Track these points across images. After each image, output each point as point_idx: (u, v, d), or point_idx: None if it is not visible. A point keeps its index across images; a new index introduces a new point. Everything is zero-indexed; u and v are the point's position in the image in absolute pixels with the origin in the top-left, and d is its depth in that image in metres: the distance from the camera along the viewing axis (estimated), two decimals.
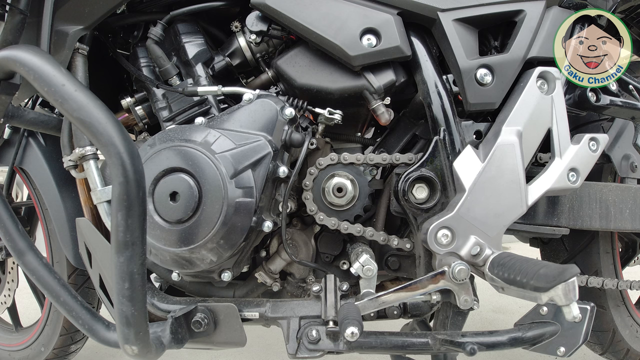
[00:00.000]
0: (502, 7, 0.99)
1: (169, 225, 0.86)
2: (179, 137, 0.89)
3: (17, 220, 0.86)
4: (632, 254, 1.54)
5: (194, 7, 1.06)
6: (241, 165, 0.87)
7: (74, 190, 1.15)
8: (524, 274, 0.79)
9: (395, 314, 1.02)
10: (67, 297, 0.84)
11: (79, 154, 0.99)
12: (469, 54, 0.97)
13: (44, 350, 1.47)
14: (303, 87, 1.02)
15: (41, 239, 1.43)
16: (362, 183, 1.05)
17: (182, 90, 1.02)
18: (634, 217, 1.17)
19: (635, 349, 1.42)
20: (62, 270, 1.39)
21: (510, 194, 0.92)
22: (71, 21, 0.95)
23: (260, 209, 0.90)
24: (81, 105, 0.64)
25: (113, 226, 0.65)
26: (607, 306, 1.38)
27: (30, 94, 1.07)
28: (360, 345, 0.90)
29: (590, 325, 0.92)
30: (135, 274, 0.67)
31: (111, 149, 0.63)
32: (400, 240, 1.04)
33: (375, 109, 1.00)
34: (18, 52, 0.68)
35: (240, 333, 0.93)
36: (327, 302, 0.93)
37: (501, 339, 0.91)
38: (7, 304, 1.62)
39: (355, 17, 0.96)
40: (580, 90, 1.03)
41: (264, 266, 1.10)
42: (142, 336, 0.72)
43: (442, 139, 0.96)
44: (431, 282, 0.89)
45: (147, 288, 0.98)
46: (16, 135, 1.28)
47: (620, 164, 1.26)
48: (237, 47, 1.08)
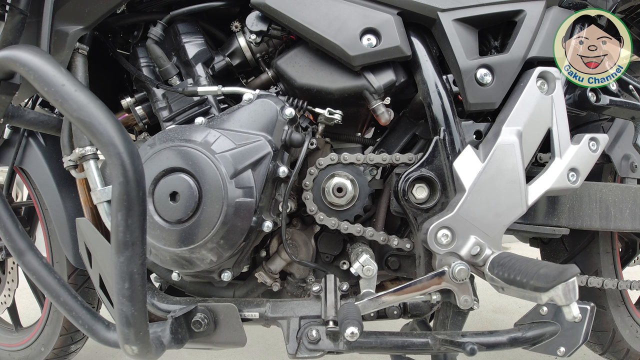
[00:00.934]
0: (502, 7, 0.99)
1: (169, 225, 0.86)
2: (179, 137, 0.89)
3: (17, 220, 0.86)
4: (632, 254, 1.54)
5: (194, 7, 1.06)
6: (241, 165, 0.87)
7: (74, 190, 1.15)
8: (524, 274, 0.79)
9: (395, 314, 1.02)
10: (67, 297, 0.83)
11: (79, 154, 0.99)
12: (469, 54, 0.97)
13: (44, 350, 1.47)
14: (303, 87, 1.02)
15: (41, 239, 1.43)
16: (362, 183, 1.05)
17: (182, 90, 1.02)
18: (634, 217, 1.17)
19: (635, 349, 1.42)
20: (62, 270, 1.39)
21: (510, 194, 0.92)
22: (71, 21, 0.95)
23: (260, 209, 0.90)
24: (81, 105, 0.64)
25: (113, 226, 0.65)
26: (607, 306, 1.38)
27: (30, 94, 1.07)
28: (360, 345, 0.90)
29: (590, 325, 0.92)
30: (135, 274, 0.67)
31: (111, 149, 0.63)
32: (400, 240, 1.04)
33: (375, 109, 1.00)
34: (18, 52, 0.68)
35: (240, 333, 0.93)
36: (327, 302, 0.93)
37: (501, 339, 0.91)
38: (7, 304, 1.62)
39: (355, 17, 0.96)
40: (580, 90, 1.03)
41: (264, 266, 1.10)
42: (142, 336, 0.72)
43: (442, 139, 0.96)
44: (431, 282, 0.89)
45: (147, 288, 0.98)
46: (16, 135, 1.28)
47: (620, 164, 1.26)
48: (237, 47, 1.08)
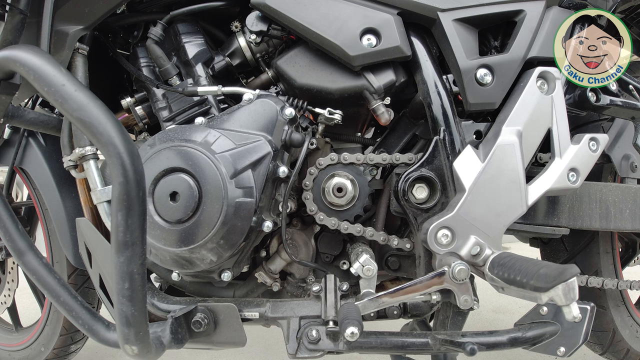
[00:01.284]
0: (502, 7, 0.99)
1: (169, 225, 0.86)
2: (179, 137, 0.89)
3: (17, 220, 0.86)
4: (632, 254, 1.54)
5: (194, 7, 1.06)
6: (241, 165, 0.87)
7: (74, 190, 1.15)
8: (524, 274, 0.79)
9: (395, 314, 1.02)
10: (67, 297, 0.83)
11: (79, 154, 0.99)
12: (469, 54, 0.97)
13: (44, 350, 1.47)
14: (303, 87, 1.02)
15: (41, 239, 1.43)
16: (362, 183, 1.05)
17: (182, 90, 1.02)
18: (634, 217, 1.17)
19: (635, 349, 1.42)
20: (62, 270, 1.39)
21: (510, 194, 0.92)
22: (71, 21, 0.95)
23: (260, 209, 0.90)
24: (81, 105, 0.64)
25: (113, 226, 0.65)
26: (607, 306, 1.38)
27: (30, 94, 1.07)
28: (360, 345, 0.90)
29: (590, 325, 0.92)
30: (135, 274, 0.67)
31: (111, 149, 0.63)
32: (400, 240, 1.04)
33: (375, 109, 1.00)
34: (18, 52, 0.68)
35: (240, 333, 0.93)
36: (327, 302, 0.93)
37: (501, 339, 0.91)
38: (7, 304, 1.62)
39: (355, 17, 0.96)
40: (580, 90, 1.03)
41: (264, 266, 1.10)
42: (142, 336, 0.72)
43: (442, 139, 0.96)
44: (431, 282, 0.89)
45: (147, 288, 0.98)
46: (16, 135, 1.28)
47: (620, 164, 1.26)
48: (237, 47, 1.08)
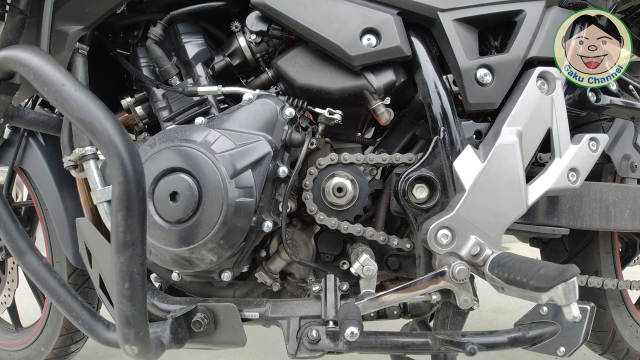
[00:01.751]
0: (502, 7, 0.99)
1: (169, 225, 0.86)
2: (179, 137, 0.89)
3: (17, 220, 0.86)
4: (632, 254, 1.54)
5: (194, 7, 1.06)
6: (241, 165, 0.87)
7: (74, 190, 1.15)
8: (524, 274, 0.79)
9: (395, 314, 1.02)
10: (67, 297, 0.83)
11: (79, 154, 0.99)
12: (469, 54, 0.97)
13: (44, 350, 1.47)
14: (303, 87, 1.02)
15: (41, 239, 1.43)
16: (362, 183, 1.05)
17: (182, 90, 1.02)
18: (634, 217, 1.17)
19: (635, 349, 1.42)
20: (62, 270, 1.39)
21: (510, 194, 0.92)
22: (71, 21, 0.95)
23: (260, 209, 0.90)
24: (81, 105, 0.64)
25: (113, 226, 0.65)
26: (607, 306, 1.38)
27: (30, 94, 1.07)
28: (360, 345, 0.90)
29: (590, 325, 0.92)
30: (135, 274, 0.67)
31: (111, 149, 0.63)
32: (400, 240, 1.04)
33: (375, 109, 1.00)
34: (18, 52, 0.68)
35: (240, 333, 0.93)
36: (327, 302, 0.93)
37: (501, 339, 0.91)
38: (7, 304, 1.62)
39: (355, 17, 0.96)
40: (580, 90, 1.03)
41: (264, 266, 1.10)
42: (142, 336, 0.72)
43: (442, 139, 0.96)
44: (431, 282, 0.89)
45: (147, 288, 0.98)
46: (16, 135, 1.28)
47: (620, 164, 1.26)
48: (237, 47, 1.08)
